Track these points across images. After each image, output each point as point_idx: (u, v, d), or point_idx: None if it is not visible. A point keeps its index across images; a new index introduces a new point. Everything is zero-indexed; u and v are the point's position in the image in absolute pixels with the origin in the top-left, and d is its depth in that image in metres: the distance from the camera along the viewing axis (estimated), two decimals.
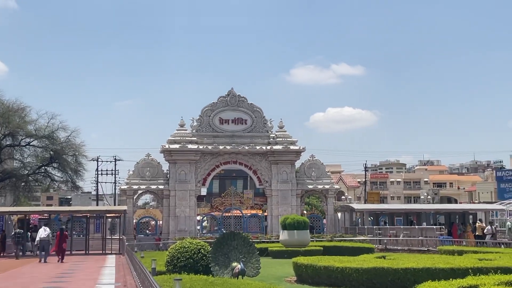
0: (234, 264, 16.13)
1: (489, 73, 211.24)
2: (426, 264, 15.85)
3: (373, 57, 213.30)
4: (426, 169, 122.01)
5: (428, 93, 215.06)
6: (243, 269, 15.88)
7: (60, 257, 30.00)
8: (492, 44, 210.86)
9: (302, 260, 18.35)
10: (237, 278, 15.78)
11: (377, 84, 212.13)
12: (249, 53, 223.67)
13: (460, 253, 24.17)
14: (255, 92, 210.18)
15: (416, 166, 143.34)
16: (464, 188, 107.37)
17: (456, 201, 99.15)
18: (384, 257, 20.05)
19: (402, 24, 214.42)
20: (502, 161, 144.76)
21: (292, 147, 42.27)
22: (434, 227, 39.12)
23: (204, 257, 16.39)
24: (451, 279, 12.86)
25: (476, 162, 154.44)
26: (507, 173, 71.28)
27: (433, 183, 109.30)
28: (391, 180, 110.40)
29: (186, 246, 16.58)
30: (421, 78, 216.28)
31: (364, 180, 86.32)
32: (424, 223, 42.53)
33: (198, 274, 14.82)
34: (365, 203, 73.41)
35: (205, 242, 17.65)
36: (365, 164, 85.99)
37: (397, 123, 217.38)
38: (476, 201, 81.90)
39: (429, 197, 73.71)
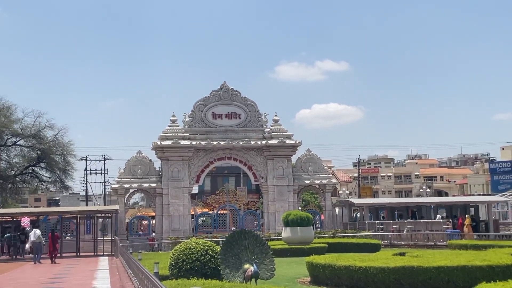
0: (246, 266, 14.48)
1: (474, 66, 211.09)
2: (460, 261, 14.10)
3: (357, 53, 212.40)
4: (416, 163, 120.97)
5: (412, 88, 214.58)
6: (256, 272, 14.20)
7: (52, 258, 30.24)
8: (477, 36, 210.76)
9: (318, 259, 16.68)
10: (250, 282, 14.05)
11: (362, 80, 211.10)
12: (233, 50, 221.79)
13: (476, 247, 22.62)
14: (240, 90, 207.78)
15: (405, 160, 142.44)
16: (455, 181, 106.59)
17: (447, 194, 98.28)
18: (403, 253, 18.42)
19: (386, 19, 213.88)
20: (489, 154, 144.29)
21: (288, 141, 41.14)
22: (441, 220, 37.89)
23: (213, 259, 14.71)
24: (497, 279, 11.14)
25: (464, 155, 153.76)
26: (500, 165, 70.45)
27: (424, 177, 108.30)
28: (381, 174, 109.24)
29: (192, 247, 14.90)
30: (406, 72, 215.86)
31: (357, 174, 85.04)
32: (424, 217, 41.40)
33: (208, 279, 12.97)
34: (359, 197, 72.05)
35: (210, 241, 15.93)
36: (359, 158, 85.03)
37: (382, 118, 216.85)
38: (469, 194, 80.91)
39: (428, 190, 72.39)
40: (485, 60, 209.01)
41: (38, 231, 31.30)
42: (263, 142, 40.65)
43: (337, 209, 44.50)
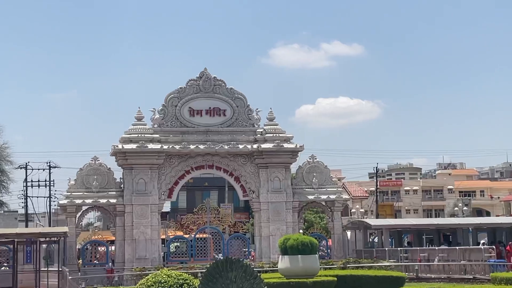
0: None
1: None
2: None
3: (375, 32, 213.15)
4: (449, 174, 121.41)
5: (444, 78, 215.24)
6: None
7: None
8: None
9: None
10: None
11: (380, 68, 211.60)
12: (215, 29, 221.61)
13: None
14: (225, 79, 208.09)
15: (435, 170, 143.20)
16: (499, 197, 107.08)
17: (489, 214, 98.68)
18: None
19: None
20: None
21: (286, 145, 41.63)
22: (482, 247, 38.04)
23: None
24: None
25: (510, 165, 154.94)
26: None
27: (460, 192, 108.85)
28: (405, 188, 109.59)
29: (162, 281, 15.05)
30: (437, 59, 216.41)
31: (375, 188, 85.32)
32: (460, 243, 41.64)
33: None
34: (376, 218, 72.31)
35: (186, 273, 15.97)
36: (376, 167, 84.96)
37: (406, 116, 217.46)
38: None
39: (465, 208, 72.89)
40: None
41: None
42: (255, 146, 40.95)
43: (348, 233, 44.65)
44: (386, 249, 40.75)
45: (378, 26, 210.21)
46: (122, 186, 40.28)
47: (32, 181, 72.70)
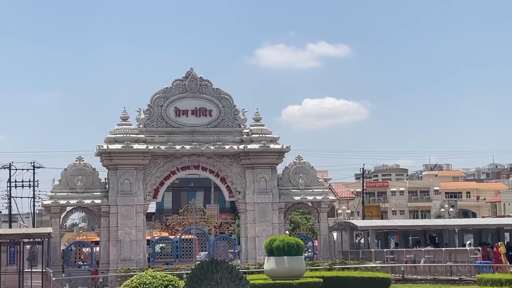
0: None
1: (507, 57, 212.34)
2: None
3: (361, 33, 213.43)
4: (436, 175, 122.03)
5: (432, 81, 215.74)
6: None
7: None
8: (501, 21, 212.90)
9: None
10: None
11: (367, 68, 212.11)
12: (202, 29, 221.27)
13: None
14: (211, 80, 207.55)
15: (421, 172, 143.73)
16: (485, 199, 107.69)
17: (475, 215, 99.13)
18: None
19: None
20: None
21: (272, 146, 41.57)
22: (468, 248, 38.20)
23: None
24: None
25: (496, 166, 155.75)
26: None
27: (446, 193, 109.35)
28: (392, 189, 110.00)
29: (147, 282, 15.04)
30: (424, 60, 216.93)
31: (361, 189, 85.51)
32: (446, 244, 41.81)
33: None
34: (363, 219, 72.49)
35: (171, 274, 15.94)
36: (363, 168, 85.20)
37: (392, 117, 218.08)
38: (503, 215, 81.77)
39: (451, 209, 73.15)
40: None
41: None
42: (241, 146, 40.90)
43: (335, 234, 44.71)
44: (372, 250, 40.94)
45: (365, 27, 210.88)
46: (107, 186, 40.16)
47: (16, 181, 72.55)
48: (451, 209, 76.38)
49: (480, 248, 38.99)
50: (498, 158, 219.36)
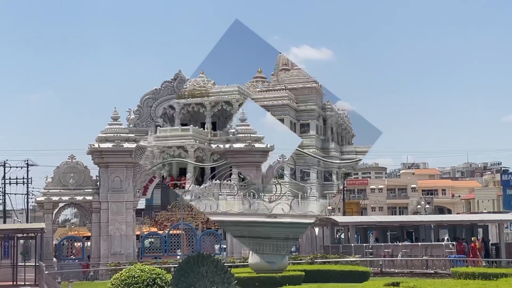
0: None
1: (482, 61, 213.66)
2: None
3: (343, 37, 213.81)
4: (413, 174, 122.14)
5: (410, 85, 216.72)
6: None
7: None
8: (485, 26, 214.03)
9: None
10: None
11: (348, 72, 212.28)
12: (189, 32, 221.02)
13: (486, 276, 22.93)
14: None
15: (399, 170, 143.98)
16: (459, 196, 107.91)
17: (450, 212, 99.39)
18: (396, 283, 18.62)
19: None
20: (501, 163, 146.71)
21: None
22: (443, 243, 38.37)
23: None
24: None
25: (470, 165, 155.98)
26: None
27: (423, 190, 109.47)
28: (371, 187, 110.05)
29: (136, 276, 15.06)
30: (403, 66, 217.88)
31: (342, 187, 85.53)
32: (423, 239, 41.94)
33: None
34: (343, 215, 72.54)
35: (159, 268, 15.93)
36: None
37: (372, 119, 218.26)
38: (477, 211, 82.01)
39: (427, 206, 73.27)
40: (494, 54, 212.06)
41: None
42: None
43: (316, 229, 44.80)
44: (352, 245, 40.87)
45: (347, 33, 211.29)
46: (98, 183, 40.20)
47: (10, 178, 71.94)
48: (427, 206, 76.52)
49: (454, 243, 39.20)
50: (472, 158, 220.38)
